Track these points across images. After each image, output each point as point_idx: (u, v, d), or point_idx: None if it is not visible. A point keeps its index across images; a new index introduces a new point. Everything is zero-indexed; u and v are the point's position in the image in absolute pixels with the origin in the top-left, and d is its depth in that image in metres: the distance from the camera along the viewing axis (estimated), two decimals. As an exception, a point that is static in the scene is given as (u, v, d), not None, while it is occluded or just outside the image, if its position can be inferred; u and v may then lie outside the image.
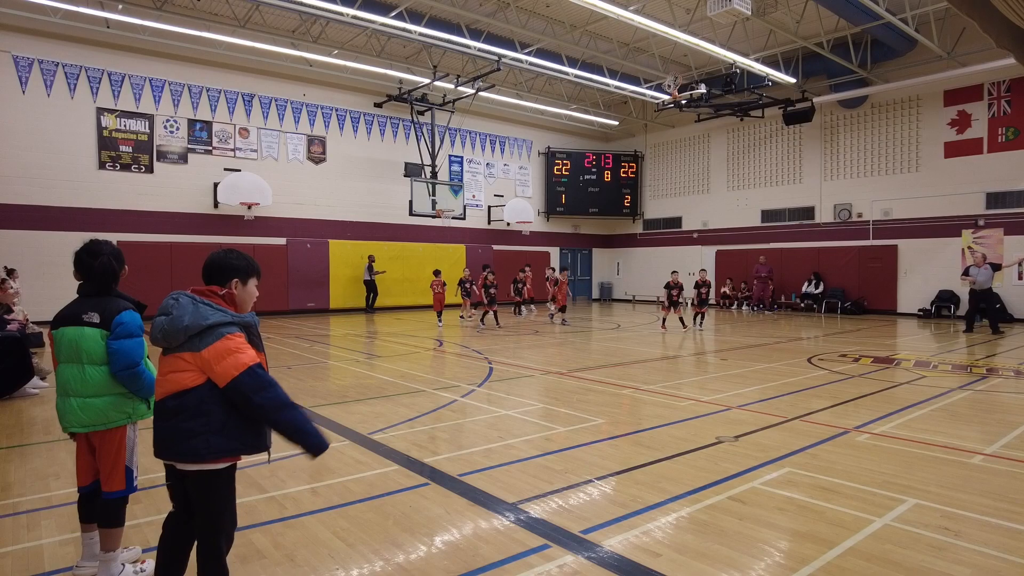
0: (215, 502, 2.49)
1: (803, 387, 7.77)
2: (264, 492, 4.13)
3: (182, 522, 2.58)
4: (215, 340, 2.36)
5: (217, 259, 2.60)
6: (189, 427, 2.37)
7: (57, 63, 15.62)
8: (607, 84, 20.27)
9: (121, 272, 3.10)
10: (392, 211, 21.34)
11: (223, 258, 2.61)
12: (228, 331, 2.39)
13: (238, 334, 2.42)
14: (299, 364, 9.77)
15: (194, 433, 2.36)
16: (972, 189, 17.78)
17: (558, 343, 12.50)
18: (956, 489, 4.16)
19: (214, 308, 2.43)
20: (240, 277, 2.61)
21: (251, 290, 2.66)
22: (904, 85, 18.37)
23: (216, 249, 2.68)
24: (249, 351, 2.40)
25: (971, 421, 6.07)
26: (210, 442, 2.37)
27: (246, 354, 2.38)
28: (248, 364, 2.35)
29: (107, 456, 2.97)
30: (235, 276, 2.59)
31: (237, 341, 2.39)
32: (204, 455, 2.38)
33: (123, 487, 2.98)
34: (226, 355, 2.34)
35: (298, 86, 19.49)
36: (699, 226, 24.94)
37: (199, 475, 2.43)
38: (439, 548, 3.32)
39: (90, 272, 3.00)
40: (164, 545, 2.61)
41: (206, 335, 2.37)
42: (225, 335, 2.37)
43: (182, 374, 2.38)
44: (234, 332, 2.41)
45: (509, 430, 5.75)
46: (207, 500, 2.48)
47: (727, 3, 12.54)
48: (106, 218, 16.21)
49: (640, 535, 3.44)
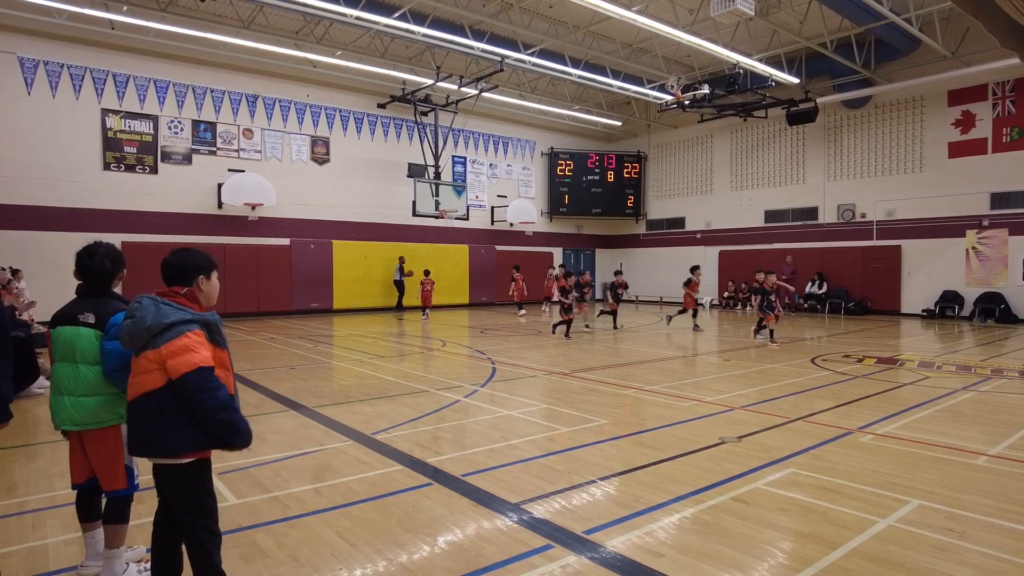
0: (187, 496, 2.56)
1: (806, 388, 7.76)
2: (267, 492, 4.14)
3: (166, 520, 2.64)
4: (174, 337, 2.43)
5: (178, 260, 2.67)
6: (158, 424, 2.46)
7: (62, 64, 15.69)
8: (610, 85, 20.26)
9: (119, 273, 3.12)
10: (395, 212, 21.37)
11: (184, 258, 2.68)
12: (187, 329, 2.46)
13: (197, 332, 2.48)
14: (303, 364, 9.78)
15: (163, 429, 2.45)
16: (976, 189, 17.72)
17: (561, 344, 12.50)
18: (960, 490, 4.15)
19: (175, 308, 2.51)
20: (204, 273, 2.69)
21: (214, 283, 2.75)
22: (908, 85, 18.31)
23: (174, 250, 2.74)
24: (202, 352, 2.45)
25: (975, 422, 6.05)
26: (178, 437, 2.45)
27: (199, 354, 2.43)
28: (198, 364, 2.41)
29: (102, 456, 2.98)
30: (199, 273, 2.67)
31: (194, 339, 2.45)
32: (172, 450, 2.46)
33: (125, 485, 2.99)
34: (181, 352, 2.41)
35: (302, 87, 19.53)
36: (702, 227, 24.91)
37: (170, 469, 2.52)
38: (442, 548, 3.33)
39: (87, 273, 3.04)
40: (154, 542, 2.68)
41: (166, 333, 2.44)
42: (184, 332, 2.45)
43: (148, 375, 2.45)
44: (193, 330, 2.47)
45: (512, 430, 5.76)
46: (179, 494, 2.57)
47: (730, 3, 12.52)
48: (110, 219, 16.26)
49: (643, 535, 3.45)
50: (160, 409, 2.45)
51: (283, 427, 5.90)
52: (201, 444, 2.49)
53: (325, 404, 6.86)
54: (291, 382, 8.21)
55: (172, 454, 2.47)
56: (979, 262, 17.71)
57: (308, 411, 6.54)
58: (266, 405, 6.84)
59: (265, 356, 10.66)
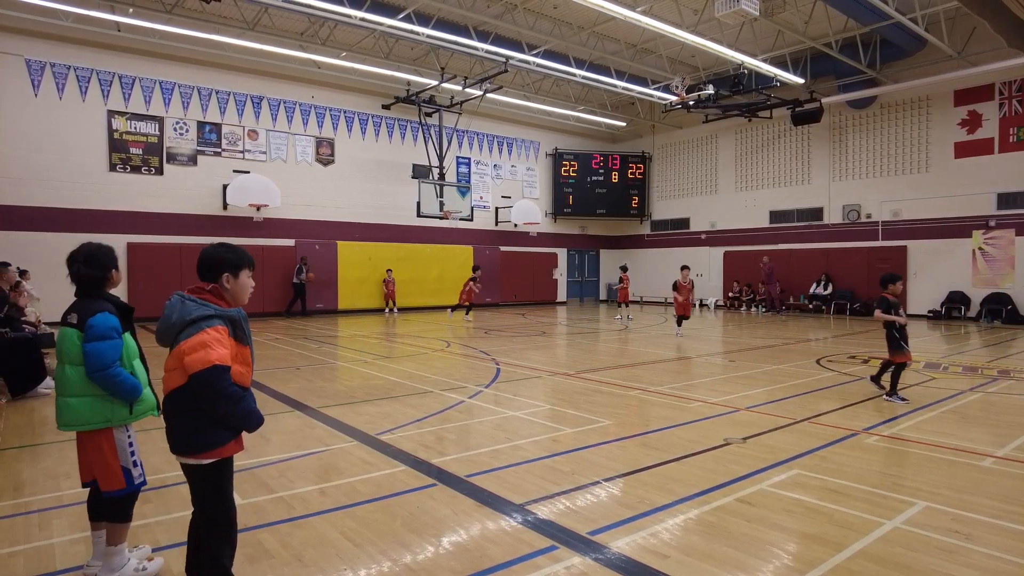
0: (204, 497, 2.56)
1: (812, 388, 7.73)
2: (272, 492, 4.15)
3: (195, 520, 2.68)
4: (194, 333, 2.41)
5: (206, 254, 2.62)
6: (181, 422, 2.47)
7: (69, 66, 15.77)
8: (614, 85, 20.23)
9: (106, 276, 3.09)
10: (400, 212, 21.39)
11: (212, 253, 2.62)
12: (208, 324, 2.43)
13: (219, 327, 2.45)
14: (307, 365, 9.81)
15: (184, 427, 2.46)
16: (983, 189, 17.64)
17: (565, 344, 12.49)
18: (966, 492, 4.13)
19: (199, 303, 2.48)
20: (230, 270, 2.61)
21: (244, 282, 2.65)
22: (913, 85, 18.23)
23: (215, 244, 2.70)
24: (218, 349, 2.40)
25: (982, 423, 6.02)
26: (198, 437, 2.46)
27: (215, 351, 2.38)
28: (213, 362, 2.36)
29: (93, 457, 3.00)
30: (225, 270, 2.60)
31: (213, 335, 2.41)
32: (194, 448, 2.47)
33: (122, 486, 2.99)
34: (198, 348, 2.38)
35: (306, 88, 19.58)
36: (707, 227, 24.86)
37: (192, 469, 2.52)
38: (446, 549, 3.33)
39: (73, 280, 3.08)
40: (189, 538, 2.73)
41: (189, 328, 2.43)
42: (204, 328, 2.41)
43: (173, 372, 2.45)
44: (215, 325, 2.44)
45: (516, 431, 5.75)
46: (197, 494, 2.58)
47: (735, 4, 12.50)
48: (116, 219, 16.34)
49: (647, 537, 3.44)
50: (184, 407, 2.45)
51: (288, 427, 5.91)
52: (222, 442, 2.49)
53: (330, 404, 6.87)
54: (296, 382, 8.23)
55: (193, 453, 2.47)
56: (986, 263, 17.62)
57: (313, 411, 6.55)
58: (271, 405, 6.85)
59: (270, 356, 10.68)
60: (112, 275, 3.14)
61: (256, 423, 2.54)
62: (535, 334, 14.42)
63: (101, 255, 3.10)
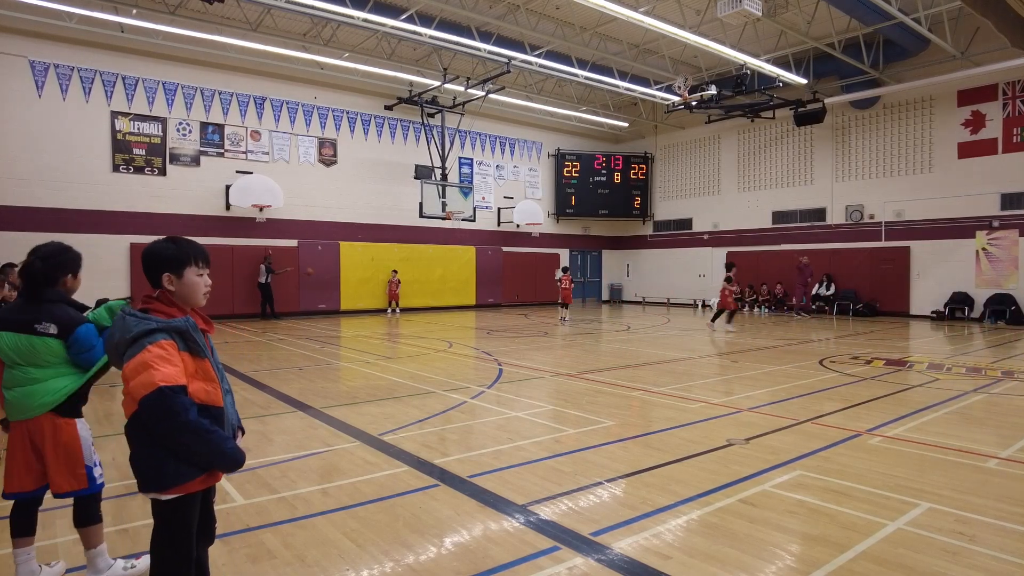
0: (158, 534, 2.17)
1: (814, 389, 7.72)
2: (275, 492, 4.16)
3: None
4: (136, 353, 2.01)
5: (144, 253, 2.19)
6: (137, 452, 2.12)
7: (72, 67, 15.82)
8: (617, 86, 20.23)
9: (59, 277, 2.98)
10: (402, 213, 21.41)
11: (149, 251, 2.19)
12: (150, 341, 2.02)
13: (163, 343, 2.03)
14: (310, 365, 9.82)
15: (144, 459, 2.09)
16: (986, 190, 17.59)
17: (567, 345, 12.49)
18: (970, 493, 4.12)
19: (139, 317, 2.08)
20: (171, 270, 2.16)
21: (191, 280, 2.19)
22: (917, 85, 18.19)
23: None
24: (163, 368, 1.99)
25: (986, 424, 6.00)
26: (151, 470, 2.08)
27: (160, 371, 1.97)
28: (158, 384, 1.95)
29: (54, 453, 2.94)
30: (165, 270, 2.16)
31: (156, 352, 2.00)
32: (152, 484, 2.09)
33: (84, 486, 2.97)
34: (140, 370, 1.98)
35: (309, 89, 19.61)
36: (709, 228, 24.83)
37: (152, 504, 2.15)
38: (449, 549, 3.33)
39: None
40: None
41: (131, 349, 2.03)
42: (146, 346, 2.01)
43: (124, 399, 2.09)
44: (157, 341, 2.03)
45: (519, 432, 5.75)
46: (154, 531, 2.19)
47: (737, 4, 12.49)
48: (119, 220, 16.38)
49: (650, 537, 3.44)
50: (140, 439, 2.09)
51: (290, 428, 5.92)
52: (180, 478, 2.08)
53: (332, 405, 6.88)
54: (298, 383, 8.24)
55: (150, 487, 2.09)
56: (989, 263, 17.57)
57: (315, 412, 6.56)
58: (273, 406, 6.86)
59: (272, 357, 10.70)
60: (66, 279, 3.00)
61: (231, 464, 2.13)
62: (537, 335, 14.41)
63: (60, 256, 2.97)
